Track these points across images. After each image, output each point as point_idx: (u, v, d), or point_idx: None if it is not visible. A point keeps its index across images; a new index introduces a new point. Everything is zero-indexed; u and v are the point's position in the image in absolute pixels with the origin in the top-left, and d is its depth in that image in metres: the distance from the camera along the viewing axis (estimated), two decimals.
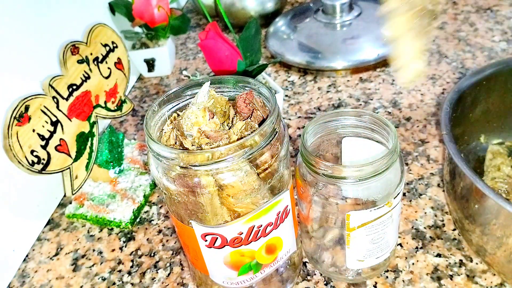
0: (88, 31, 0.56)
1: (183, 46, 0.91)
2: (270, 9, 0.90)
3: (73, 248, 0.53)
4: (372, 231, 0.37)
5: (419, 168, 0.55)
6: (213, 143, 0.32)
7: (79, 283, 0.48)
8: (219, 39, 0.57)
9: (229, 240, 0.35)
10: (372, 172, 0.34)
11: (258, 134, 0.31)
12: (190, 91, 0.37)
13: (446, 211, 0.49)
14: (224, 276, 0.38)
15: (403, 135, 0.60)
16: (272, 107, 0.33)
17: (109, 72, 0.59)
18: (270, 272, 0.40)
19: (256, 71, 0.58)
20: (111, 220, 0.53)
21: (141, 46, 0.79)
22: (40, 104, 0.48)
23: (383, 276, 0.44)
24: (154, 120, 0.35)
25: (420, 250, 0.46)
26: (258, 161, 0.32)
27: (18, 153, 0.45)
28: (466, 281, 0.42)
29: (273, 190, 0.35)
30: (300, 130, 0.64)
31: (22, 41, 0.54)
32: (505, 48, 0.73)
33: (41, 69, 0.53)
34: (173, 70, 0.84)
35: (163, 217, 0.54)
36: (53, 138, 0.49)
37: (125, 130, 0.70)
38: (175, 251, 0.50)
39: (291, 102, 0.70)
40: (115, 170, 0.58)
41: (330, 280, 0.44)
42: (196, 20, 1.01)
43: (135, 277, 0.48)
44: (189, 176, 0.31)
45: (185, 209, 0.34)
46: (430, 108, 0.64)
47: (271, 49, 0.81)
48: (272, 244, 0.37)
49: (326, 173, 0.35)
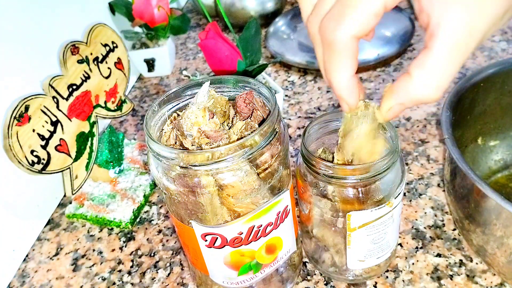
0: (88, 31, 0.56)
1: (183, 46, 0.91)
2: (270, 9, 0.90)
3: (73, 248, 0.53)
4: (373, 231, 0.37)
5: (419, 168, 0.55)
6: (213, 143, 0.32)
7: (79, 283, 0.48)
8: (219, 39, 0.57)
9: (229, 240, 0.35)
10: (373, 172, 0.34)
11: (258, 134, 0.31)
12: (190, 91, 0.37)
13: (446, 211, 0.49)
14: (224, 276, 0.38)
15: (403, 135, 0.60)
16: (272, 107, 0.33)
17: (109, 72, 0.59)
18: (270, 272, 0.40)
19: (256, 71, 0.58)
20: (111, 220, 0.53)
21: (141, 46, 0.79)
22: (40, 104, 0.48)
23: (383, 276, 0.44)
24: (154, 120, 0.35)
25: (420, 250, 0.46)
26: (258, 161, 0.32)
27: (18, 153, 0.45)
28: (466, 281, 0.42)
29: (273, 190, 0.35)
30: (300, 130, 0.64)
31: (22, 41, 0.54)
32: (505, 48, 0.73)
33: (41, 69, 0.53)
34: (173, 70, 0.84)
35: (163, 217, 0.54)
36: (53, 138, 0.49)
37: (125, 130, 0.70)
38: (175, 251, 0.50)
39: (291, 102, 0.70)
40: (115, 170, 0.58)
41: (330, 280, 0.44)
42: (196, 20, 1.01)
43: (135, 277, 0.48)
44: (189, 176, 0.31)
45: (185, 209, 0.34)
46: (430, 108, 0.64)
47: (271, 49, 0.81)
48: (272, 244, 0.37)
49: (327, 173, 0.35)
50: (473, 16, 0.22)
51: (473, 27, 0.22)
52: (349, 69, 0.26)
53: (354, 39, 0.25)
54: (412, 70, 0.24)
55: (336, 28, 0.24)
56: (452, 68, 0.24)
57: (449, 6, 0.22)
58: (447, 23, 0.22)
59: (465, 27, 0.22)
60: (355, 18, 0.24)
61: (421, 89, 0.24)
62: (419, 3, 0.23)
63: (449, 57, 0.23)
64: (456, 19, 0.22)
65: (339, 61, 0.25)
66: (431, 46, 0.23)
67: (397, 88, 0.26)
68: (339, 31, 0.24)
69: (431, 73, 0.24)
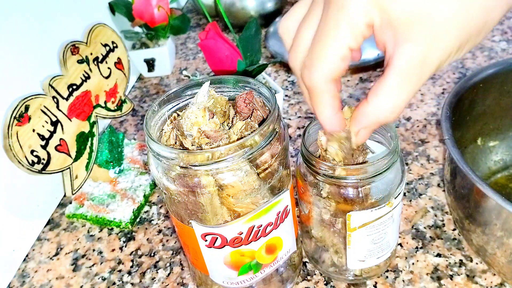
0: (88, 31, 0.56)
1: (183, 46, 0.91)
2: (270, 9, 0.90)
3: (73, 248, 0.53)
4: (373, 231, 0.37)
5: (419, 168, 0.55)
6: (213, 143, 0.32)
7: (79, 283, 0.48)
8: (219, 39, 0.57)
9: (229, 240, 0.35)
10: (372, 172, 0.34)
11: (258, 134, 0.31)
12: (190, 91, 0.37)
13: (446, 211, 0.49)
14: (224, 276, 0.38)
15: (403, 135, 0.60)
16: (272, 107, 0.33)
17: (109, 72, 0.59)
18: (270, 272, 0.40)
19: (256, 71, 0.58)
20: (111, 220, 0.53)
21: (141, 46, 0.79)
22: (40, 104, 0.48)
23: (383, 276, 0.44)
24: (154, 120, 0.35)
25: (420, 250, 0.46)
26: (258, 161, 0.32)
27: (18, 153, 0.45)
28: (466, 281, 0.42)
29: (273, 190, 0.35)
30: (300, 130, 0.64)
31: (22, 41, 0.54)
32: (505, 48, 0.73)
33: (41, 69, 0.53)
34: (173, 70, 0.84)
35: (163, 217, 0.54)
36: (53, 138, 0.49)
37: (125, 130, 0.70)
38: (175, 251, 0.50)
39: (291, 102, 0.70)
40: (115, 170, 0.58)
41: (330, 280, 0.44)
42: (196, 20, 1.01)
43: (135, 277, 0.48)
44: (189, 176, 0.31)
45: (185, 209, 0.34)
46: (430, 108, 0.64)
47: (271, 49, 0.81)
48: (272, 244, 0.37)
49: (327, 173, 0.35)
50: (425, 50, 0.24)
51: (425, 60, 0.24)
52: (330, 107, 0.28)
53: (329, 82, 0.27)
54: (369, 97, 0.26)
55: (311, 77, 0.27)
56: (404, 95, 0.26)
57: (401, 41, 0.24)
58: (400, 56, 0.24)
59: (417, 60, 0.24)
60: (324, 66, 0.26)
61: (377, 113, 0.26)
62: (376, 35, 0.25)
63: (401, 85, 0.25)
64: (408, 52, 0.24)
65: (320, 101, 0.28)
66: (385, 75, 0.25)
67: (357, 114, 0.28)
68: (314, 79, 0.26)
69: (385, 100, 0.26)
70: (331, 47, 0.25)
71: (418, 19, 0.23)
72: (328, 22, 0.25)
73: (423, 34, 0.24)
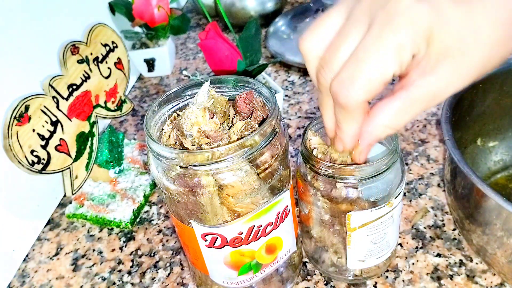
0: (88, 31, 0.56)
1: (183, 46, 0.91)
2: (270, 9, 0.90)
3: (73, 248, 0.53)
4: (373, 231, 0.37)
5: (419, 168, 0.55)
6: (213, 143, 0.32)
7: (79, 283, 0.48)
8: (219, 39, 0.57)
9: (229, 240, 0.35)
10: (372, 172, 0.34)
11: (258, 134, 0.31)
12: (190, 91, 0.37)
13: (446, 211, 0.49)
14: (224, 276, 0.38)
15: (403, 135, 0.60)
16: (272, 107, 0.33)
17: (109, 72, 0.59)
18: (270, 272, 0.40)
19: (256, 71, 0.58)
20: (111, 220, 0.53)
21: (141, 46, 0.79)
22: (40, 104, 0.48)
23: (383, 276, 0.44)
24: (154, 120, 0.35)
25: (420, 250, 0.46)
26: (258, 161, 0.32)
27: (18, 153, 0.45)
28: (466, 281, 0.42)
29: (273, 190, 0.35)
30: (300, 130, 0.64)
31: (22, 41, 0.54)
32: None
33: (41, 69, 0.53)
34: (173, 70, 0.84)
35: (163, 217, 0.54)
36: (53, 138, 0.49)
37: (125, 130, 0.70)
38: (175, 251, 0.50)
39: (291, 102, 0.70)
40: (115, 170, 0.58)
41: (330, 280, 0.44)
42: (196, 20, 1.01)
43: (135, 277, 0.48)
44: (189, 176, 0.31)
45: (185, 209, 0.34)
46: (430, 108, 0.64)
47: (271, 49, 0.81)
48: (272, 244, 0.37)
49: (327, 173, 0.35)
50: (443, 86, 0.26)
51: (440, 94, 0.26)
52: (358, 124, 0.28)
53: (365, 102, 0.27)
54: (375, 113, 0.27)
55: (349, 95, 0.26)
56: (410, 118, 0.27)
57: (427, 73, 0.25)
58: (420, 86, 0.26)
59: (433, 93, 0.26)
60: (366, 88, 0.26)
61: (381, 130, 0.28)
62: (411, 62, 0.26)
63: (409, 109, 0.27)
64: (429, 85, 0.25)
65: (351, 119, 0.28)
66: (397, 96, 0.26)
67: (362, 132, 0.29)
68: (353, 98, 0.26)
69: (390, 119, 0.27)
70: (377, 72, 0.25)
71: (452, 54, 0.24)
72: (376, 44, 0.25)
73: (451, 70, 0.25)
